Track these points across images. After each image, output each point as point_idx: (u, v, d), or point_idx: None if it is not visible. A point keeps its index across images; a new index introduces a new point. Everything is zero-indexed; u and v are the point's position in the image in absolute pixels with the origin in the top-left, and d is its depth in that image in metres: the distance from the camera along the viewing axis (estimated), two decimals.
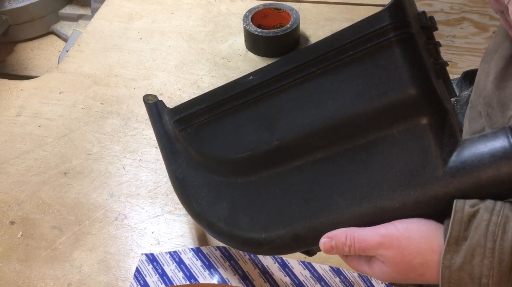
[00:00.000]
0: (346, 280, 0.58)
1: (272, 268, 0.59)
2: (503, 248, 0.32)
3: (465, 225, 0.34)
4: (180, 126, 0.50)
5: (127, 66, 0.89)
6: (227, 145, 0.46)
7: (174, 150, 0.52)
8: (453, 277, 0.34)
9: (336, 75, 0.39)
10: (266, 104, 0.43)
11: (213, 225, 0.47)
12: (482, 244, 0.33)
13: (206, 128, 0.48)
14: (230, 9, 1.00)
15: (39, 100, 0.83)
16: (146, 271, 0.59)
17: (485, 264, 0.32)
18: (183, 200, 0.50)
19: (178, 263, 0.60)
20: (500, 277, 0.32)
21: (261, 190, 0.44)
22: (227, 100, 0.46)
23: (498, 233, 0.33)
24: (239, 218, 0.45)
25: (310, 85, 0.40)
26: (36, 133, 0.77)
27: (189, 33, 0.95)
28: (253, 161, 0.44)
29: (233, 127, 0.46)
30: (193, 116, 0.49)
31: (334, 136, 0.39)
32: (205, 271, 0.59)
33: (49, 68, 1.20)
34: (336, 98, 0.39)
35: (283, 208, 0.42)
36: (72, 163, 0.73)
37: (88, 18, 1.25)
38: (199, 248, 0.61)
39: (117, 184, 0.70)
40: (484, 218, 0.33)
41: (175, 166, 0.51)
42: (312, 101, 0.40)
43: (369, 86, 0.37)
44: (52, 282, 0.59)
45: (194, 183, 0.49)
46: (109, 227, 0.65)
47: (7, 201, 0.68)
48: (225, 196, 0.46)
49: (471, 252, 0.33)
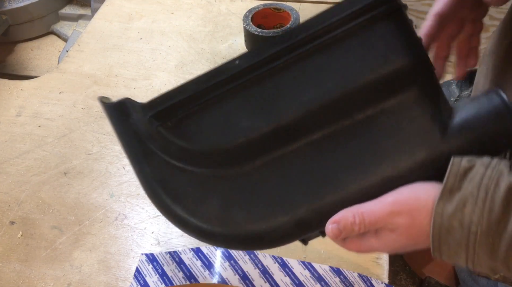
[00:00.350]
0: (346, 280, 0.58)
1: (272, 268, 0.59)
2: (494, 199, 0.33)
3: (460, 177, 0.35)
4: (158, 122, 0.43)
5: (127, 66, 0.89)
6: (217, 135, 0.42)
7: (147, 151, 0.44)
8: (444, 224, 0.35)
9: (330, 51, 0.39)
10: (258, 87, 0.41)
11: (203, 228, 0.42)
12: (474, 194, 0.34)
13: (191, 120, 0.43)
14: (230, 9, 1.01)
15: (39, 100, 0.83)
16: (146, 271, 0.59)
17: (476, 212, 0.34)
18: (163, 206, 0.44)
19: (178, 263, 0.60)
20: (488, 225, 0.33)
21: (256, 179, 0.42)
22: (213, 87, 0.41)
23: (491, 186, 0.34)
24: (234, 213, 0.41)
25: (304, 64, 0.39)
26: (36, 133, 0.77)
27: (189, 33, 0.95)
28: (247, 148, 0.41)
29: (222, 115, 0.42)
30: (173, 108, 0.43)
31: (332, 114, 0.39)
32: (205, 271, 0.59)
33: (49, 68, 1.20)
34: (332, 74, 0.39)
35: (283, 194, 0.40)
36: (72, 163, 0.73)
37: (88, 18, 1.25)
38: (199, 248, 0.61)
39: (117, 184, 0.70)
40: (479, 171, 0.35)
41: (150, 169, 0.44)
42: (308, 80, 0.39)
43: (365, 59, 0.38)
44: (52, 282, 0.59)
45: (175, 184, 0.43)
46: (109, 227, 0.65)
47: (7, 201, 0.68)
48: (214, 191, 0.42)
49: (463, 201, 0.34)
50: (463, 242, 0.35)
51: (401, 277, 1.32)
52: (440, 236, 0.36)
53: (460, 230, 0.35)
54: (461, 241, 0.35)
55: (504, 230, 0.33)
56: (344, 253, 0.60)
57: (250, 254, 0.60)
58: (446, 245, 0.36)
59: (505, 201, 0.33)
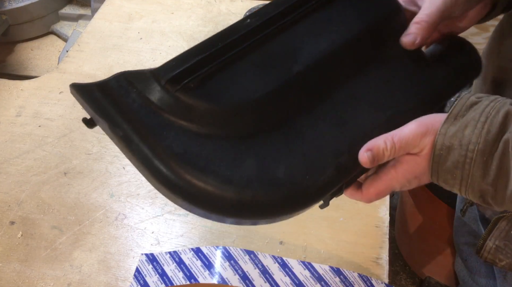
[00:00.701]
0: (346, 280, 0.58)
1: (272, 268, 0.59)
2: (493, 122, 0.37)
3: (466, 107, 0.39)
4: (178, 85, 0.40)
5: (127, 66, 0.89)
6: (245, 89, 0.41)
7: (162, 123, 0.40)
8: (445, 143, 0.38)
9: (331, 7, 0.45)
10: (276, 41, 0.43)
11: (243, 192, 0.38)
12: (476, 118, 0.38)
13: (212, 80, 0.41)
14: (230, 9, 1.01)
15: (39, 100, 0.83)
16: (146, 271, 0.60)
17: (474, 133, 0.38)
18: (192, 177, 0.38)
19: (178, 263, 0.60)
20: (485, 144, 0.37)
21: (289, 133, 0.41)
22: (231, 45, 0.41)
23: (492, 112, 0.38)
24: (274, 170, 0.39)
25: (314, 17, 0.44)
26: (36, 133, 0.77)
27: (189, 33, 0.95)
28: (275, 100, 0.42)
29: (246, 70, 0.42)
30: (192, 70, 0.40)
31: (349, 59, 0.44)
32: (205, 271, 0.59)
33: (49, 68, 1.20)
34: (336, 25, 0.44)
35: (318, 143, 0.41)
36: (72, 163, 0.73)
37: (88, 18, 1.25)
38: (199, 248, 0.61)
39: (117, 184, 0.70)
40: (484, 103, 0.39)
41: (169, 140, 0.40)
42: (322, 30, 0.44)
43: (361, 10, 0.46)
44: (52, 282, 0.59)
45: (202, 153, 0.39)
46: (109, 227, 0.65)
47: (7, 201, 0.68)
48: (248, 153, 0.40)
49: (465, 124, 0.38)
50: (460, 160, 0.38)
51: (401, 277, 1.32)
52: (440, 157, 0.39)
53: (459, 148, 0.38)
54: (459, 159, 0.38)
55: (496, 150, 0.37)
56: (344, 253, 0.60)
57: (250, 254, 0.60)
58: (444, 165, 0.39)
59: (502, 124, 0.37)
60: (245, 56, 0.42)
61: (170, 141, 0.39)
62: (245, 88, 0.41)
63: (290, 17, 0.43)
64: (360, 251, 0.60)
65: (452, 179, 0.39)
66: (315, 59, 0.43)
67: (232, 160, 0.40)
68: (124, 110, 0.40)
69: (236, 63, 0.41)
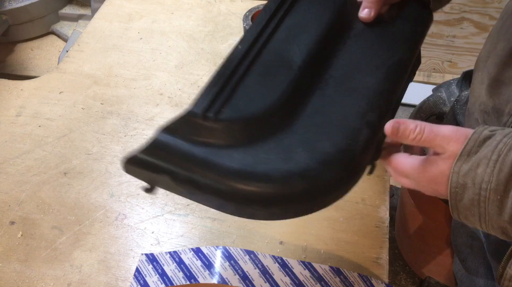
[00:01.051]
0: (346, 280, 0.58)
1: (272, 268, 0.59)
2: (505, 161, 0.38)
3: (479, 143, 0.40)
4: (213, 113, 0.46)
5: (127, 66, 0.89)
6: (265, 94, 0.48)
7: (214, 151, 0.46)
8: (459, 182, 0.40)
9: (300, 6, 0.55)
10: (269, 51, 0.51)
11: (308, 179, 0.44)
12: (488, 156, 0.39)
13: (238, 97, 0.47)
14: (230, 9, 1.01)
15: (39, 100, 0.83)
16: (146, 271, 0.60)
17: (487, 172, 0.38)
18: (261, 183, 0.44)
19: (178, 263, 0.60)
20: (497, 184, 0.38)
21: (313, 115, 0.48)
22: (236, 68, 0.48)
23: (504, 150, 0.38)
24: (322, 149, 0.45)
25: (288, 23, 0.53)
26: (36, 133, 0.77)
27: (189, 33, 0.95)
28: (292, 94, 0.49)
29: (258, 81, 0.48)
30: (218, 97, 0.47)
31: (331, 43, 0.53)
32: (205, 271, 0.59)
33: (49, 68, 1.20)
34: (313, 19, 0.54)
35: (342, 113, 0.48)
36: (72, 163, 0.73)
37: (88, 18, 1.25)
38: (199, 248, 0.61)
39: (117, 184, 0.70)
40: (497, 138, 0.39)
41: (226, 162, 0.45)
42: (299, 29, 0.53)
43: None
44: (52, 282, 0.59)
45: (256, 159, 0.45)
46: (109, 227, 0.65)
47: (7, 201, 0.68)
48: (292, 145, 0.46)
49: (477, 162, 0.39)
50: (475, 198, 0.39)
51: (401, 277, 1.32)
52: (457, 194, 0.40)
53: (473, 187, 0.39)
54: (474, 197, 0.39)
55: (511, 189, 0.37)
56: (344, 253, 0.60)
57: (250, 254, 0.60)
58: (461, 202, 0.40)
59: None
60: (250, 71, 0.49)
61: (228, 162, 0.44)
62: (265, 93, 0.48)
63: (270, 29, 0.52)
64: (360, 251, 0.60)
65: (471, 215, 0.40)
66: (307, 52, 0.51)
67: (283, 156, 0.45)
68: (177, 157, 0.45)
69: (247, 79, 0.48)
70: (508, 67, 0.53)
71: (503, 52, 0.54)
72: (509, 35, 0.53)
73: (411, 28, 0.57)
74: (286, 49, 0.51)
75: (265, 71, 0.49)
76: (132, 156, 0.46)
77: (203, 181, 0.44)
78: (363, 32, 0.55)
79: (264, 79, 0.48)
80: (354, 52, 0.53)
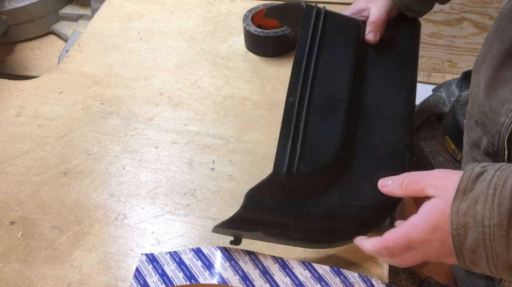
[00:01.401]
0: (346, 280, 0.57)
1: (272, 268, 0.59)
2: (503, 194, 0.37)
3: (473, 180, 0.39)
4: (293, 170, 0.53)
5: (127, 66, 0.89)
6: (327, 140, 0.55)
7: (300, 205, 0.54)
8: (460, 222, 0.38)
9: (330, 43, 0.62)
10: (316, 96, 0.57)
11: (375, 204, 0.54)
12: (485, 192, 0.38)
13: (306, 151, 0.54)
14: (230, 9, 1.00)
15: (39, 100, 0.83)
16: (146, 271, 0.59)
17: (486, 207, 0.37)
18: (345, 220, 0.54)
19: (178, 263, 0.60)
20: (499, 218, 0.36)
21: (367, 147, 0.57)
22: (297, 122, 0.56)
23: (500, 183, 0.37)
24: (379, 178, 0.52)
25: (323, 59, 0.60)
26: (36, 133, 0.77)
27: (189, 33, 0.95)
28: (347, 131, 0.57)
29: (316, 129, 0.55)
30: (292, 155, 0.54)
31: (360, 67, 0.61)
32: (205, 272, 0.59)
33: (49, 68, 1.20)
34: (342, 54, 0.62)
35: (388, 142, 0.57)
36: (72, 163, 0.73)
37: (88, 18, 1.25)
38: (199, 248, 0.61)
39: (117, 184, 0.70)
40: (490, 173, 0.39)
41: (312, 211, 0.54)
42: (334, 66, 0.60)
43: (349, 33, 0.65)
44: (52, 282, 0.59)
45: (335, 201, 0.54)
46: (109, 227, 0.65)
47: (7, 201, 0.68)
48: (359, 180, 0.55)
49: (475, 199, 0.38)
50: (479, 237, 0.37)
51: (401, 277, 1.32)
52: (459, 236, 0.38)
53: (475, 225, 0.37)
54: (478, 237, 0.37)
55: None
56: (344, 253, 0.60)
57: (250, 255, 0.60)
58: (465, 244, 0.38)
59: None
60: (309, 122, 0.55)
61: (313, 211, 0.53)
62: (327, 140, 0.55)
63: (310, 73, 0.58)
64: (360, 251, 0.60)
65: (478, 258, 0.38)
66: (347, 89, 0.58)
67: (353, 193, 0.54)
68: (268, 215, 0.53)
69: (308, 131, 0.55)
70: (504, 68, 0.53)
71: (498, 54, 0.54)
72: (504, 37, 0.54)
73: (410, 42, 0.65)
74: (328, 90, 0.57)
75: (320, 118, 0.56)
76: (225, 221, 0.53)
77: (296, 235, 0.53)
78: (377, 57, 0.63)
79: (322, 126, 0.54)
80: (376, 79, 0.61)
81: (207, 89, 0.83)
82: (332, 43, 0.61)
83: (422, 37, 1.62)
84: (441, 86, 1.17)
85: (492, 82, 0.55)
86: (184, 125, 0.77)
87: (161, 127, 0.77)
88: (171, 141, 0.75)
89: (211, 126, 0.77)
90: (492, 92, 0.55)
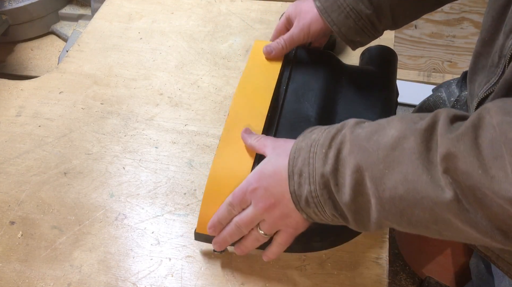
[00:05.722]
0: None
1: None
2: (333, 127, 0.47)
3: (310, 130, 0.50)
4: None
5: (127, 66, 0.89)
6: None
7: None
8: (297, 147, 0.47)
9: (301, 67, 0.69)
10: (285, 112, 0.63)
11: None
12: (323, 128, 0.48)
13: None
14: (230, 9, 1.01)
15: (39, 100, 0.83)
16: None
17: (318, 134, 0.47)
18: None
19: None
20: (324, 140, 0.46)
21: None
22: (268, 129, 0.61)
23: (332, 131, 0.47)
24: None
25: (293, 85, 0.66)
26: (36, 133, 0.77)
27: (189, 33, 0.95)
28: None
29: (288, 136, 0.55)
30: None
31: (333, 88, 0.66)
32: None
33: (49, 68, 1.20)
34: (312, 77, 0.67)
35: None
36: (72, 163, 0.73)
37: (88, 18, 1.25)
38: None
39: (117, 184, 0.70)
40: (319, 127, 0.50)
41: None
42: (304, 87, 0.65)
43: None
44: (52, 282, 0.59)
45: None
46: (109, 227, 0.65)
47: (7, 201, 0.68)
48: None
49: (311, 130, 0.49)
50: (306, 156, 0.45)
51: (401, 277, 1.32)
52: (294, 160, 0.46)
53: (306, 147, 0.46)
54: (305, 156, 0.45)
55: (334, 144, 0.44)
56: (344, 253, 0.60)
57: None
58: (296, 167, 0.46)
59: (340, 126, 0.46)
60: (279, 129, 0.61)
61: None
62: None
63: (281, 96, 0.64)
64: (360, 251, 0.60)
65: (304, 180, 0.45)
66: (316, 106, 0.63)
67: None
68: None
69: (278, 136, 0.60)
70: (481, 56, 0.57)
71: (478, 43, 0.58)
72: (484, 26, 0.57)
73: (382, 69, 0.70)
74: (299, 108, 0.62)
75: (290, 127, 0.61)
76: None
77: None
78: (351, 81, 0.67)
79: (292, 133, 0.55)
80: (350, 97, 0.65)
81: (207, 89, 0.83)
82: (304, 72, 0.67)
83: (423, 37, 1.62)
84: (441, 86, 1.17)
85: (473, 69, 0.59)
86: (184, 125, 0.77)
87: (161, 127, 0.77)
88: (171, 141, 0.75)
89: (211, 126, 0.77)
90: (472, 78, 0.59)
